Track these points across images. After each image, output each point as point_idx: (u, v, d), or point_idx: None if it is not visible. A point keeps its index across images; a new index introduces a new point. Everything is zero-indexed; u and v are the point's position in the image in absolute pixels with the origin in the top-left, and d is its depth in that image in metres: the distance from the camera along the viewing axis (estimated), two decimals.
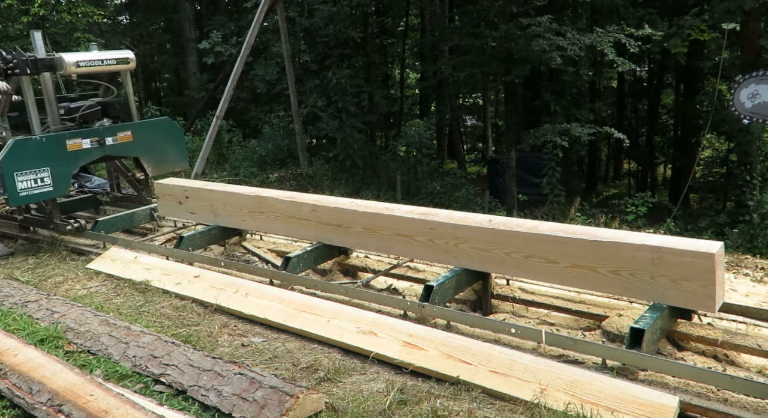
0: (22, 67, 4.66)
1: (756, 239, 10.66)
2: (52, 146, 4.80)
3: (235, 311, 3.61)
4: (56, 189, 4.87)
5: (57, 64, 4.84)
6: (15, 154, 4.60)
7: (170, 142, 5.69)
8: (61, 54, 4.84)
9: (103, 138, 5.13)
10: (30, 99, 4.80)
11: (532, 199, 14.86)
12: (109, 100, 5.40)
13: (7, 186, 4.56)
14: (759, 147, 11.98)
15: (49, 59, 4.82)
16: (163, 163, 5.68)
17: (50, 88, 4.94)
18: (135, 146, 5.40)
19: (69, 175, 5.00)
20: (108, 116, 5.31)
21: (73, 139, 4.95)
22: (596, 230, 3.18)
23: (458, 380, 2.68)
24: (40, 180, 4.72)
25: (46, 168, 4.76)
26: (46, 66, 4.81)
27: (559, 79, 15.11)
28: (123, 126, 5.35)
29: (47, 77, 4.89)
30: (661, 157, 21.10)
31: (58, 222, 5.15)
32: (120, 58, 5.26)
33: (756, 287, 4.21)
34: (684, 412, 2.44)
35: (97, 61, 5.05)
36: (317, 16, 14.77)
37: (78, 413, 2.31)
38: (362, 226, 3.89)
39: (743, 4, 10.35)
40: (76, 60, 4.87)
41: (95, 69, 5.07)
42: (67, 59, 4.83)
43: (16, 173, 4.59)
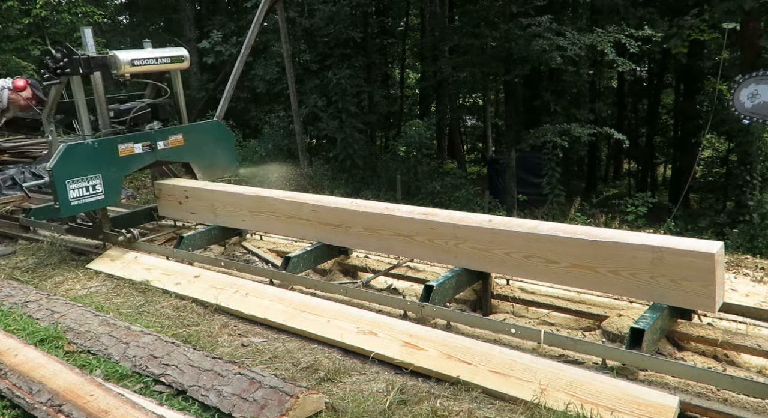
0: (73, 66, 4.34)
1: (756, 239, 10.67)
2: (103, 151, 4.46)
3: (235, 311, 3.61)
4: (108, 197, 4.53)
5: (111, 63, 4.49)
6: (67, 161, 4.26)
7: (221, 146, 5.37)
8: (115, 52, 4.50)
9: (155, 142, 4.81)
10: (81, 100, 4.48)
11: (532, 199, 14.87)
12: (159, 101, 5.04)
13: (59, 195, 4.21)
14: (759, 147, 11.99)
15: (102, 58, 4.48)
16: (214, 167, 5.34)
17: (101, 89, 4.58)
18: (186, 150, 5.06)
19: (120, 181, 4.68)
20: (158, 119, 4.96)
21: (124, 144, 4.61)
22: (596, 230, 3.18)
23: (458, 380, 2.68)
24: (91, 188, 4.39)
25: (98, 175, 4.42)
26: (99, 65, 4.47)
27: (559, 79, 15.12)
28: (174, 129, 5.01)
29: (98, 77, 4.54)
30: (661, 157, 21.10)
31: (108, 232, 4.79)
32: (174, 56, 4.87)
33: (756, 287, 4.21)
34: (684, 412, 2.44)
35: (152, 59, 4.69)
36: (317, 16, 14.78)
37: (78, 413, 2.31)
38: (362, 226, 3.89)
39: (743, 4, 10.36)
40: (131, 58, 4.53)
41: (149, 68, 4.73)
42: (122, 58, 4.47)
43: (68, 181, 4.25)
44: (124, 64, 4.46)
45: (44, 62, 4.39)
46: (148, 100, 5.08)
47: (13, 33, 16.30)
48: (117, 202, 4.80)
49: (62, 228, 5.00)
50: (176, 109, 5.18)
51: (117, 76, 4.53)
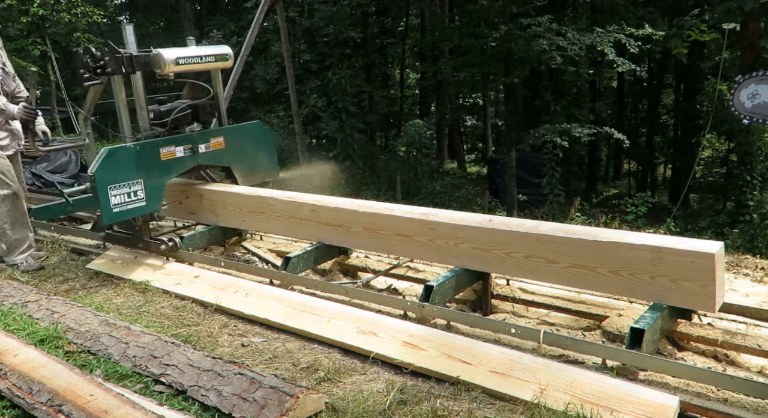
0: (116, 65, 4.08)
1: (756, 239, 10.68)
2: (145, 155, 4.20)
3: (235, 311, 3.61)
4: (149, 204, 4.25)
5: (154, 62, 4.18)
6: (109, 165, 4.00)
7: (262, 149, 5.06)
8: (159, 50, 4.18)
9: (196, 145, 4.51)
10: (121, 101, 4.24)
11: (532, 199, 14.89)
12: (200, 101, 4.75)
13: (101, 202, 3.96)
14: (759, 147, 11.99)
15: (145, 56, 4.19)
16: (255, 172, 5.02)
17: (141, 89, 4.32)
18: (227, 154, 4.76)
19: (162, 187, 4.38)
20: (198, 120, 4.69)
21: (166, 147, 4.32)
22: (596, 230, 3.18)
23: (458, 380, 2.68)
24: (133, 194, 4.13)
25: (140, 180, 4.15)
26: (142, 64, 4.18)
27: (559, 79, 15.13)
28: (216, 131, 4.72)
29: (138, 77, 4.29)
30: (661, 157, 21.12)
31: (148, 240, 4.47)
32: (219, 55, 4.57)
33: (756, 287, 4.20)
34: (684, 412, 2.44)
35: (196, 57, 4.37)
36: (317, 16, 14.79)
37: (78, 413, 2.31)
38: (362, 226, 3.89)
39: (743, 4, 10.37)
40: (176, 57, 4.21)
41: (194, 67, 4.41)
42: (167, 56, 4.16)
43: (110, 187, 3.99)
44: (168, 63, 4.17)
45: (84, 61, 4.17)
46: (188, 101, 4.82)
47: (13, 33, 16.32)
48: (158, 209, 4.45)
49: (99, 235, 4.71)
50: (216, 110, 4.90)
51: (160, 75, 4.26)
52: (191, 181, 5.15)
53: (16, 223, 4.59)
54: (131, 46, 4.19)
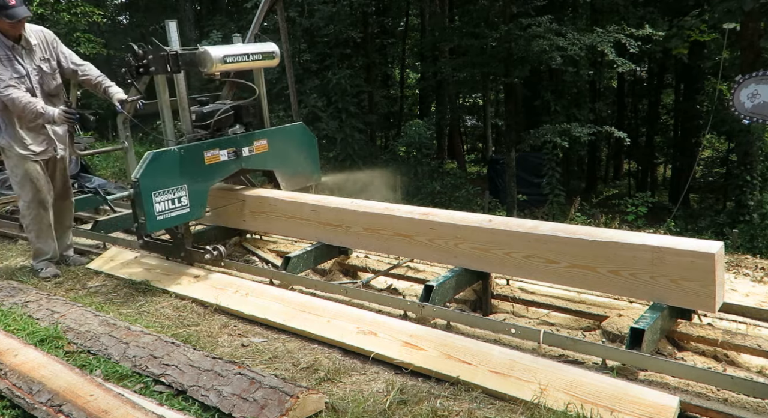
0: (159, 64, 3.87)
1: (756, 239, 10.68)
2: (189, 159, 3.98)
3: (235, 311, 3.61)
4: (193, 211, 4.04)
5: (200, 60, 3.95)
6: (153, 170, 3.79)
7: (304, 152, 4.83)
8: (206, 48, 3.96)
9: (240, 148, 4.29)
10: (165, 102, 4.03)
11: (532, 199, 14.89)
12: (245, 102, 4.51)
13: (145, 209, 3.77)
14: (759, 147, 12.00)
15: (191, 54, 3.96)
16: (298, 176, 4.78)
17: (184, 90, 4.09)
18: (271, 157, 4.53)
19: (206, 193, 4.16)
20: (240, 122, 4.45)
21: (210, 151, 4.11)
22: (596, 230, 3.18)
23: (458, 380, 2.68)
24: (177, 200, 3.91)
25: (183, 186, 3.94)
26: (188, 62, 3.95)
27: (559, 79, 15.13)
28: (259, 133, 4.48)
29: (181, 76, 4.05)
30: (661, 157, 21.12)
31: (191, 249, 4.22)
32: (266, 53, 4.32)
33: (756, 287, 4.20)
34: (684, 412, 2.44)
35: (243, 55, 4.14)
36: (317, 16, 14.79)
37: (78, 413, 2.32)
38: (362, 226, 3.89)
39: (743, 4, 10.37)
40: (223, 55, 3.98)
41: (241, 65, 4.18)
42: (214, 54, 3.92)
43: (154, 193, 3.79)
44: (215, 62, 3.95)
45: (126, 60, 3.99)
46: (230, 102, 4.58)
47: None
48: (202, 216, 4.22)
49: (138, 243, 4.44)
50: (258, 111, 4.63)
51: (206, 74, 4.07)
52: None
53: (41, 232, 4.44)
54: (174, 44, 3.96)
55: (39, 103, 4.06)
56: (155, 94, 4.08)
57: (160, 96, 4.03)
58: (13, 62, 4.07)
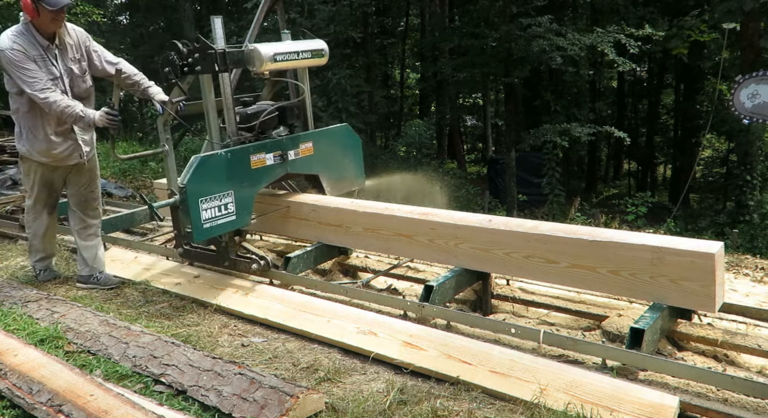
0: (206, 63, 3.65)
1: (756, 239, 10.68)
2: (236, 164, 3.76)
3: (235, 311, 3.61)
4: (239, 218, 3.79)
5: (249, 58, 3.71)
6: (200, 176, 3.55)
7: (349, 155, 4.57)
8: (256, 45, 3.71)
9: (286, 152, 4.05)
10: (210, 103, 3.80)
11: (532, 199, 14.89)
12: (290, 103, 4.27)
13: (192, 217, 3.51)
14: (759, 147, 12.00)
15: (239, 52, 3.72)
16: (343, 180, 4.52)
17: (229, 90, 3.86)
18: (316, 161, 4.28)
19: (252, 200, 3.91)
20: (284, 124, 4.21)
21: (256, 154, 3.87)
22: (596, 230, 3.18)
23: (458, 380, 2.68)
24: (223, 207, 3.67)
25: (230, 191, 3.70)
26: (236, 61, 3.72)
27: (559, 79, 15.14)
28: (305, 136, 4.24)
29: (226, 76, 3.84)
30: (661, 157, 21.12)
31: (235, 258, 3.97)
32: (315, 50, 4.09)
33: (756, 287, 4.20)
34: (684, 412, 2.44)
35: (293, 53, 3.90)
36: (317, 16, 14.78)
37: (78, 413, 2.32)
38: (362, 226, 3.89)
39: (743, 4, 10.37)
40: (274, 53, 3.74)
41: (291, 64, 3.94)
42: (264, 52, 3.68)
43: (201, 200, 3.55)
44: (265, 60, 3.70)
45: (169, 58, 3.75)
46: (274, 102, 4.34)
47: None
48: (248, 224, 3.96)
49: (177, 251, 4.19)
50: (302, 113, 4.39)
51: (255, 73, 3.85)
52: None
53: (40, 232, 4.22)
54: (220, 41, 3.71)
55: (78, 105, 3.78)
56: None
57: (206, 96, 3.80)
58: (47, 63, 3.79)
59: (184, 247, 4.07)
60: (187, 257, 4.19)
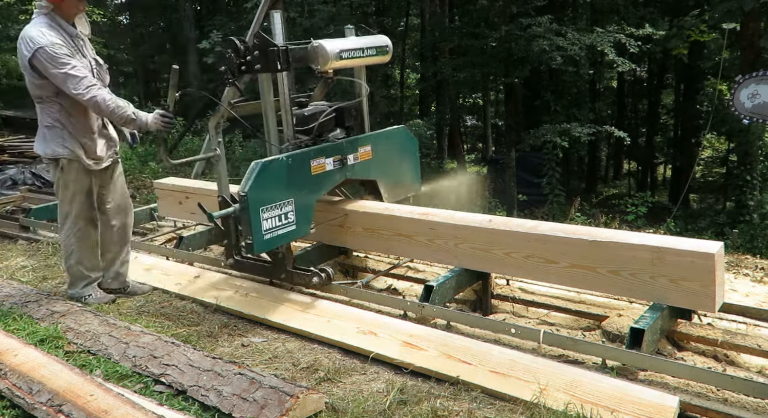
0: (268, 61, 3.39)
1: (756, 239, 10.67)
2: (296, 169, 3.49)
3: (235, 311, 3.61)
4: (299, 227, 3.52)
5: (312, 56, 3.44)
6: (262, 183, 3.28)
7: (406, 159, 4.34)
8: (321, 41, 3.43)
9: (345, 156, 3.79)
10: (269, 104, 3.58)
11: (532, 199, 14.87)
12: (348, 104, 4.00)
13: (253, 227, 3.24)
14: (759, 147, 11.99)
15: (302, 49, 3.45)
16: (400, 186, 4.27)
17: (287, 90, 3.58)
18: (374, 166, 4.02)
19: (312, 208, 3.63)
20: (341, 126, 3.94)
21: (317, 159, 3.60)
22: (596, 230, 3.18)
23: (458, 380, 2.68)
24: (284, 216, 3.41)
25: (290, 199, 3.44)
26: (297, 59, 3.45)
27: (559, 79, 15.13)
28: (363, 139, 3.96)
29: (284, 75, 3.56)
30: (661, 157, 21.11)
31: (293, 270, 3.68)
32: (380, 47, 3.81)
33: (756, 287, 4.20)
34: (684, 412, 2.44)
35: (358, 50, 3.65)
36: (317, 16, 14.78)
37: (78, 413, 2.32)
38: (362, 226, 3.89)
39: (743, 4, 10.37)
40: (339, 50, 3.48)
41: (355, 61, 3.69)
42: (330, 49, 3.43)
43: (262, 209, 3.29)
44: (330, 58, 3.44)
45: (227, 57, 3.49)
46: (325, 103, 4.09)
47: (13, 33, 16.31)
48: (308, 233, 3.66)
49: (227, 262, 3.93)
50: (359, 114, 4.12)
51: (319, 72, 3.56)
52: (191, 181, 5.09)
53: (84, 252, 3.78)
54: (278, 38, 3.48)
55: (129, 106, 3.49)
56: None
57: (265, 97, 3.59)
58: (80, 55, 3.44)
59: (234, 257, 3.84)
60: (238, 268, 3.95)
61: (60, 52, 3.30)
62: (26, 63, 3.34)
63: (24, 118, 16.82)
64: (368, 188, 4.24)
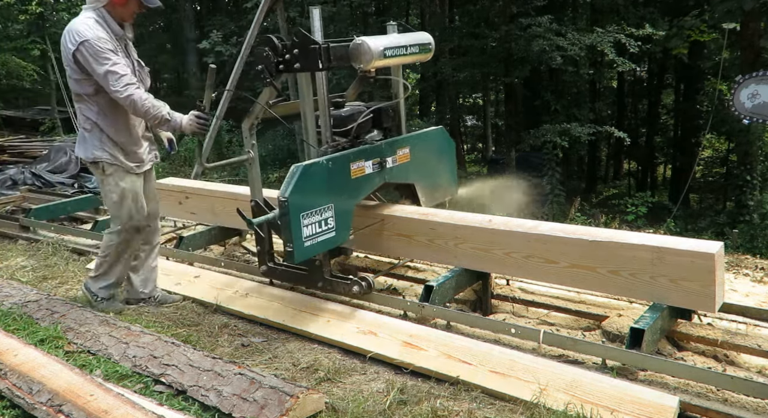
0: (308, 59, 3.21)
1: (756, 239, 10.67)
2: (337, 173, 3.33)
3: (235, 311, 3.61)
4: (339, 234, 3.35)
5: (355, 54, 3.21)
6: (303, 187, 3.11)
7: (444, 161, 4.15)
8: (363, 38, 3.21)
9: (384, 159, 3.62)
10: (308, 105, 3.39)
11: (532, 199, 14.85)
12: (386, 104, 3.83)
13: (293, 234, 3.07)
14: (759, 147, 11.99)
15: (342, 47, 3.24)
16: (438, 190, 4.10)
17: (325, 89, 3.41)
18: (413, 169, 3.85)
19: (351, 213, 3.47)
20: (378, 127, 3.77)
21: (356, 162, 3.44)
22: (596, 230, 3.18)
23: (458, 380, 2.68)
24: (324, 223, 3.24)
25: (330, 205, 3.27)
26: (339, 57, 3.24)
27: (559, 79, 15.12)
28: (401, 140, 3.79)
29: (322, 74, 3.39)
30: (661, 157, 21.09)
31: (331, 278, 3.53)
32: (423, 45, 3.61)
33: (756, 287, 4.20)
34: (684, 412, 2.44)
35: (402, 48, 3.43)
36: None
37: (78, 413, 2.32)
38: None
39: (743, 4, 10.37)
40: (383, 47, 3.26)
41: (399, 60, 3.47)
42: (373, 46, 3.19)
43: (303, 215, 3.12)
44: (375, 56, 3.20)
45: (264, 55, 3.32)
46: (360, 103, 3.93)
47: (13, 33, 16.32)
48: (347, 240, 3.53)
49: (260, 270, 3.78)
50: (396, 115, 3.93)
51: (362, 71, 3.38)
52: (191, 181, 5.07)
53: (122, 257, 3.66)
54: (317, 35, 3.27)
55: (165, 107, 3.38)
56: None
57: (304, 97, 3.41)
58: (123, 54, 3.36)
59: (268, 265, 3.70)
60: (271, 275, 3.81)
61: (104, 46, 3.20)
62: (70, 56, 3.25)
63: (24, 118, 16.85)
64: (404, 192, 4.09)
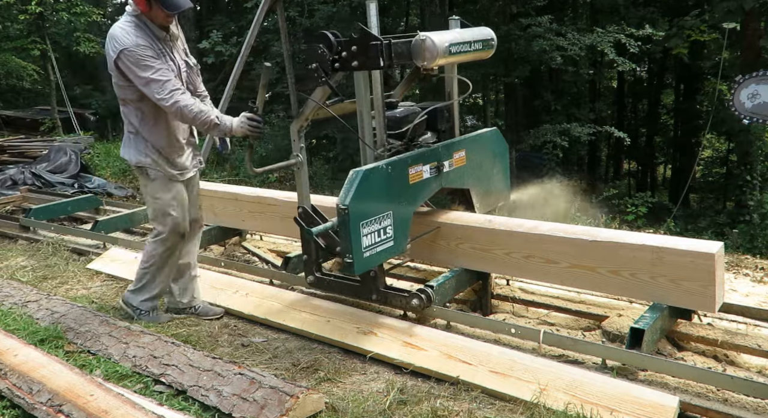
0: (369, 57, 2.96)
1: (756, 239, 10.67)
2: (395, 178, 3.11)
3: (235, 311, 3.61)
4: (397, 243, 3.14)
5: (419, 51, 2.94)
6: (363, 193, 2.90)
7: (498, 164, 3.94)
8: (429, 34, 2.95)
9: (442, 162, 3.41)
10: (365, 106, 3.22)
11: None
12: (441, 105, 3.62)
13: (353, 244, 2.87)
14: (759, 147, 11.99)
15: (406, 44, 2.97)
16: (491, 194, 3.90)
17: (380, 89, 3.25)
18: (468, 173, 3.65)
19: (409, 221, 3.25)
20: (432, 129, 3.58)
21: (414, 167, 3.23)
22: (596, 230, 3.19)
23: (458, 380, 2.68)
24: (382, 231, 3.03)
25: (389, 212, 3.06)
26: (400, 55, 2.98)
27: (559, 79, 15.13)
28: (457, 143, 3.60)
29: (377, 74, 3.21)
30: (661, 157, 21.09)
31: (386, 290, 3.32)
32: (486, 41, 3.38)
33: (756, 287, 4.21)
34: (684, 412, 2.44)
35: (467, 44, 3.20)
36: (317, 16, 14.78)
37: (78, 413, 2.32)
38: None
39: (743, 4, 10.36)
40: (449, 43, 3.01)
41: (463, 57, 3.23)
42: (438, 43, 2.93)
43: (362, 223, 2.91)
44: (440, 53, 2.95)
45: (318, 52, 3.08)
46: (412, 103, 3.71)
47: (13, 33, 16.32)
48: (405, 250, 3.30)
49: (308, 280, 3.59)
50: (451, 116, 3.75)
51: (425, 69, 3.14)
52: None
53: (165, 267, 3.49)
54: (374, 31, 3.04)
55: (213, 111, 3.25)
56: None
57: (361, 97, 3.23)
58: (166, 58, 3.19)
59: (315, 275, 3.52)
60: (319, 286, 3.59)
61: (144, 54, 3.08)
62: (112, 64, 3.14)
63: (24, 118, 16.84)
64: (454, 197, 3.91)
